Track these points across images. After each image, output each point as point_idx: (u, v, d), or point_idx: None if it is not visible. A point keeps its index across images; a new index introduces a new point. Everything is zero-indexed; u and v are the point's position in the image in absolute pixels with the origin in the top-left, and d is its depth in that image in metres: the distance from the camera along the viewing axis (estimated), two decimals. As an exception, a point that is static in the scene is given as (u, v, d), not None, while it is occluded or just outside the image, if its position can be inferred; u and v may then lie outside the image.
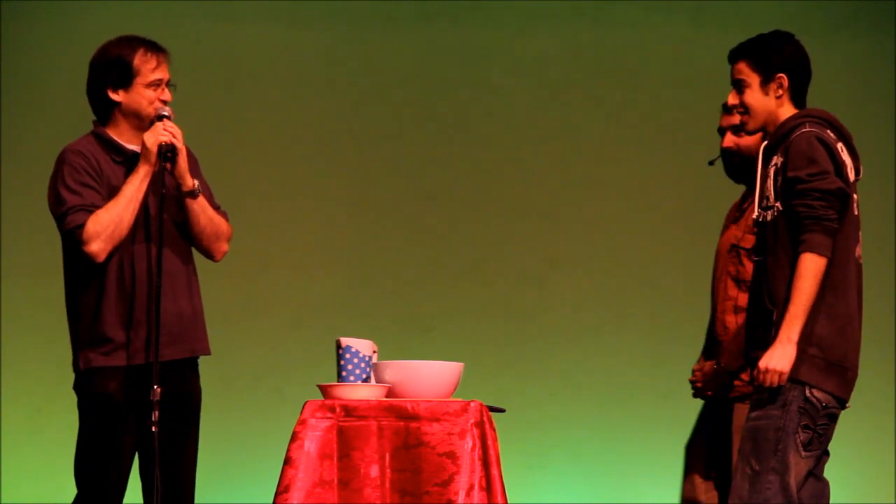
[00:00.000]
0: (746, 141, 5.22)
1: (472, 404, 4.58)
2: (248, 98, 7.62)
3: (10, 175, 7.41)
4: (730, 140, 5.27)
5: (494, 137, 7.71)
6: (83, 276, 4.60)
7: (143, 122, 4.64)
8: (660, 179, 7.68)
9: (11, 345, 7.24)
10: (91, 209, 4.52)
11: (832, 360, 4.32)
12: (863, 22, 7.74)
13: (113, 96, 4.63)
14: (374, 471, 4.52)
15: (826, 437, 4.34)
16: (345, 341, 4.77)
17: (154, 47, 4.66)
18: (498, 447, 4.68)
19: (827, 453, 4.43)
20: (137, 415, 4.58)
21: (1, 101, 7.43)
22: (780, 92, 4.53)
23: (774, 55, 4.55)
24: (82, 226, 4.50)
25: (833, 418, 4.34)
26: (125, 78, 4.62)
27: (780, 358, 4.30)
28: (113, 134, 4.66)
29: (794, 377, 4.31)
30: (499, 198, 7.69)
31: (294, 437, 4.55)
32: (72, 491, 4.67)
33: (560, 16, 7.73)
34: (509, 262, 7.58)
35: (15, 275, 7.19)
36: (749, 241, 5.08)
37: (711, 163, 5.34)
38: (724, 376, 5.07)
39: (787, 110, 4.54)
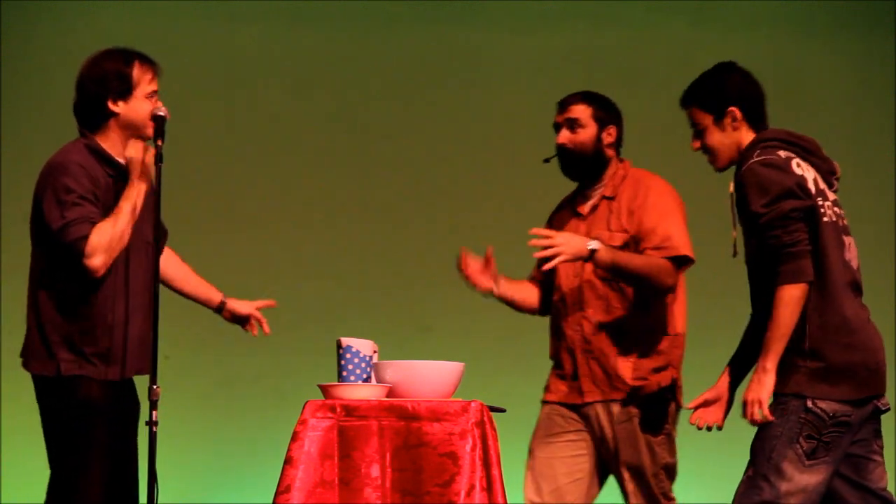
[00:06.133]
0: (580, 137, 5.24)
1: (472, 404, 4.58)
2: (248, 98, 7.62)
3: (10, 175, 7.40)
4: (564, 136, 5.27)
5: (494, 137, 7.71)
6: (80, 285, 4.58)
7: (139, 132, 4.65)
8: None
9: (11, 345, 7.22)
10: (93, 221, 4.52)
11: (837, 367, 4.30)
12: (863, 22, 7.74)
13: (113, 107, 4.64)
14: (375, 471, 4.52)
15: (836, 445, 4.31)
16: (345, 341, 4.77)
17: (147, 59, 4.72)
18: (498, 447, 4.68)
19: (871, 460, 4.42)
20: (119, 424, 4.61)
21: (1, 102, 7.42)
22: (737, 124, 4.51)
23: (719, 92, 4.55)
24: (86, 237, 4.48)
25: (846, 425, 4.32)
26: (125, 89, 4.64)
27: (756, 388, 4.35)
28: (104, 145, 4.66)
29: (793, 391, 4.31)
30: (499, 197, 7.69)
31: (295, 437, 4.54)
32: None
33: (559, 16, 7.74)
34: (510, 261, 7.57)
35: (15, 275, 7.17)
36: (618, 239, 5.15)
37: (547, 160, 5.31)
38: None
39: (747, 139, 4.52)
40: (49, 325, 4.61)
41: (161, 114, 4.64)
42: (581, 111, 5.27)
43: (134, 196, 4.56)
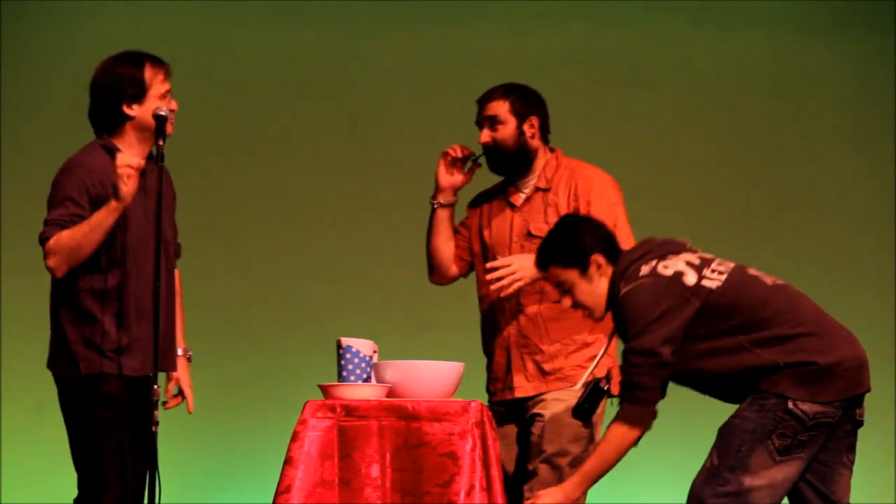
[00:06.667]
0: (501, 134, 5.17)
1: (472, 404, 4.58)
2: (249, 98, 7.62)
3: (10, 175, 7.41)
4: (485, 135, 5.19)
5: (494, 137, 7.70)
6: (96, 282, 4.62)
7: (153, 134, 4.68)
8: (659, 179, 7.68)
9: (11, 345, 7.24)
10: (65, 225, 4.58)
11: (824, 369, 4.28)
12: (863, 22, 7.74)
13: (128, 111, 4.69)
14: (375, 470, 4.51)
15: (812, 443, 4.29)
16: (345, 341, 4.77)
17: (157, 61, 4.76)
18: (498, 447, 4.69)
19: (839, 473, 4.40)
20: (132, 422, 4.63)
21: (1, 102, 7.43)
22: (602, 270, 4.48)
23: (578, 244, 4.50)
24: (48, 239, 4.58)
25: (826, 426, 4.30)
26: (139, 93, 4.69)
27: (553, 501, 4.39)
28: (121, 146, 4.70)
29: (776, 391, 4.29)
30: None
31: (295, 437, 4.54)
32: (72, 491, 4.67)
33: (559, 16, 7.73)
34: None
35: (15, 275, 7.19)
36: None
37: (476, 160, 5.23)
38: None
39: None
40: (68, 326, 4.66)
41: (162, 113, 4.65)
42: (498, 107, 5.18)
43: (102, 215, 4.58)
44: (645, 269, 4.40)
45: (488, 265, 5.04)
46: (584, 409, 4.83)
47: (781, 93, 7.78)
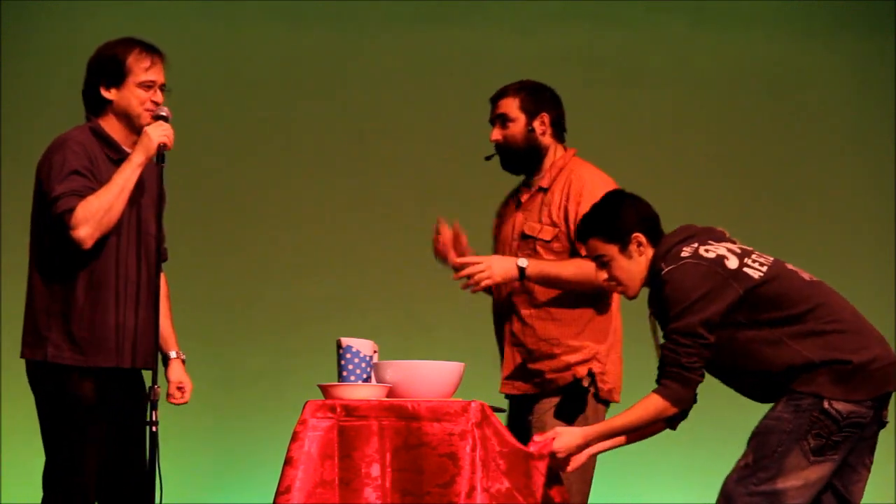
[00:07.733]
0: (511, 131, 5.15)
1: (472, 404, 4.57)
2: (249, 98, 7.62)
3: (10, 175, 7.41)
4: (495, 134, 5.18)
5: (494, 137, 7.71)
6: (74, 269, 4.58)
7: (132, 122, 4.64)
8: (659, 179, 7.68)
9: (11, 345, 7.22)
10: (82, 195, 4.51)
11: (859, 366, 4.28)
12: (863, 22, 7.75)
13: (105, 94, 4.64)
14: (375, 470, 4.51)
15: (845, 443, 4.29)
16: (345, 341, 4.77)
17: (150, 49, 4.68)
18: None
19: (857, 473, 4.40)
20: (108, 417, 4.60)
21: (1, 102, 7.42)
22: (642, 249, 4.48)
23: (620, 220, 4.49)
24: (72, 210, 4.48)
25: (859, 426, 4.30)
26: (118, 76, 4.64)
27: (570, 439, 4.47)
28: (109, 130, 4.66)
29: (812, 391, 4.29)
30: (499, 196, 7.68)
31: (295, 437, 4.54)
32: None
33: (559, 16, 7.74)
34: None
35: (15, 275, 7.17)
36: (547, 233, 5.04)
37: (488, 158, 5.22)
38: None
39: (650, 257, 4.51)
40: (40, 311, 4.64)
41: (163, 114, 4.63)
42: (508, 105, 5.16)
43: (127, 172, 4.54)
44: (687, 251, 4.40)
45: (456, 262, 5.03)
46: (569, 411, 4.82)
47: (781, 93, 7.78)
